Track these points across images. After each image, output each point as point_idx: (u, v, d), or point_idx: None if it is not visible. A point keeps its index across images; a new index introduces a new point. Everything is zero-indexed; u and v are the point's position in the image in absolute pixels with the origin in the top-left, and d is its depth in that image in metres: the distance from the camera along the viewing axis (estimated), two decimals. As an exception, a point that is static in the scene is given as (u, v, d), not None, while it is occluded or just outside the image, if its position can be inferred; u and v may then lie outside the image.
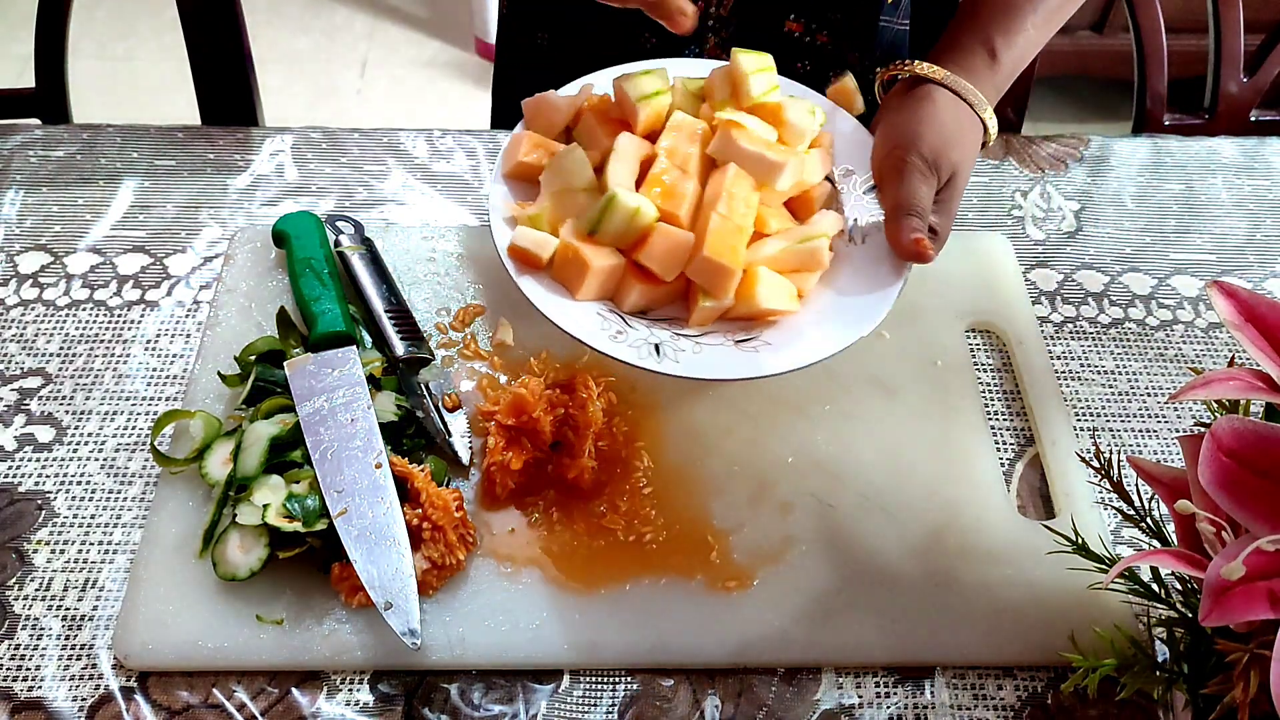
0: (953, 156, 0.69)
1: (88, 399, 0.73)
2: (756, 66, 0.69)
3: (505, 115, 1.07)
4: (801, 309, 0.66)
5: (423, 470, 0.65)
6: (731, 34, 0.92)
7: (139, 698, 0.60)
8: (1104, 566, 0.59)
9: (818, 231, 0.67)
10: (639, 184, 0.67)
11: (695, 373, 0.62)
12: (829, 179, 0.71)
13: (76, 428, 0.72)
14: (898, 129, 0.70)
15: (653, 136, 0.69)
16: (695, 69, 0.74)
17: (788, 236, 0.67)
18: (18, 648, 0.62)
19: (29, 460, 0.70)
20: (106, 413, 0.73)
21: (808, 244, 0.66)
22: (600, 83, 0.73)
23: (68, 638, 0.62)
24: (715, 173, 0.67)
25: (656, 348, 0.63)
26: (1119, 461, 0.69)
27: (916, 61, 0.72)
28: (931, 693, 0.62)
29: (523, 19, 0.99)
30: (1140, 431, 0.75)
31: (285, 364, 0.70)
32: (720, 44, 0.91)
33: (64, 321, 0.78)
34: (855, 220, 0.69)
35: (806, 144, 0.70)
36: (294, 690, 0.61)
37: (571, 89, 0.73)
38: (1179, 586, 0.58)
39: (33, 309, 0.78)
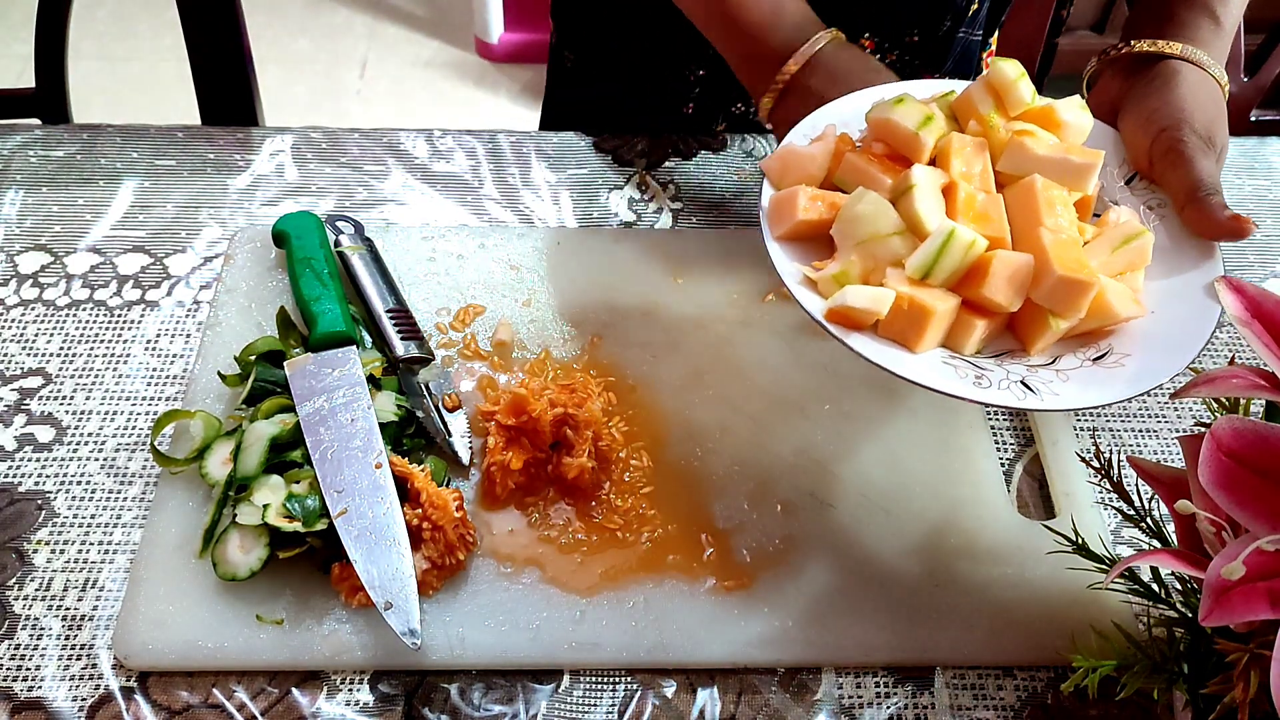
0: (1219, 129, 0.67)
1: (88, 399, 0.73)
2: (1018, 73, 0.66)
3: (560, 117, 1.06)
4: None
5: (423, 470, 0.65)
6: None
7: (139, 698, 0.60)
8: (1104, 566, 0.59)
9: (1136, 229, 0.63)
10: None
11: (1081, 403, 0.58)
12: None
13: (76, 428, 0.72)
14: (1158, 111, 0.67)
15: (931, 164, 0.65)
16: (922, 89, 0.70)
17: (1107, 239, 0.63)
18: (18, 648, 0.62)
19: (29, 460, 0.70)
20: (106, 413, 0.73)
21: (1134, 243, 0.62)
22: (835, 121, 0.68)
23: (68, 638, 0.62)
24: (1012, 188, 0.64)
25: (1024, 384, 0.59)
26: (1119, 461, 0.69)
27: (1144, 40, 0.70)
28: (931, 693, 0.62)
29: (580, 16, 0.99)
30: (1140, 431, 0.75)
31: (285, 364, 0.70)
32: None
33: (64, 321, 0.78)
34: (1134, 210, 0.67)
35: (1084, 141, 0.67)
36: (294, 690, 0.61)
37: (799, 136, 0.68)
38: (1179, 586, 0.58)
39: (33, 309, 0.78)
